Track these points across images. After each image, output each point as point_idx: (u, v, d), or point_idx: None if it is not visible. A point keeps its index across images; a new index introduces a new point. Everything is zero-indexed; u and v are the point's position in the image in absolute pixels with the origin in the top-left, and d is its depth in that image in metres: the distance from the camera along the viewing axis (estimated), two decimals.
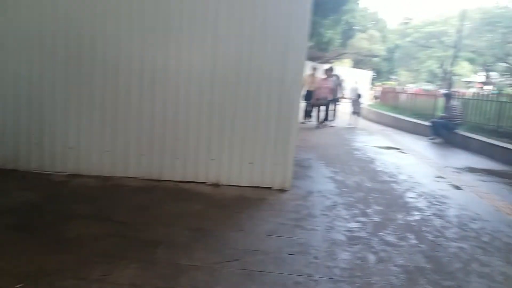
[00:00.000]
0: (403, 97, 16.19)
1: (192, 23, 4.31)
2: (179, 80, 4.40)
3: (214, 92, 4.41)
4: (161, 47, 4.36)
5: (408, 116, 13.24)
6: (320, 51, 18.58)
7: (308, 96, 11.01)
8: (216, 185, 4.49)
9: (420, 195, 4.76)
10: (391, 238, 3.38)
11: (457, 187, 5.27)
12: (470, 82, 35.07)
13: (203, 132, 4.47)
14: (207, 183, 4.50)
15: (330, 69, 11.18)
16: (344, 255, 3.00)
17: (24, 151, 4.46)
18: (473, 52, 27.75)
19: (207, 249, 2.96)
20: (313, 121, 11.40)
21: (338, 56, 28.18)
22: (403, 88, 25.38)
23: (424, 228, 3.66)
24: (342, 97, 11.70)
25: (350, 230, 3.51)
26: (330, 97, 10.82)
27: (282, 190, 4.48)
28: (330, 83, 10.84)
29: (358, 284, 2.60)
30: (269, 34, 4.29)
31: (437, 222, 3.86)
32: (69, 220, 3.28)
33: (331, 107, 11.11)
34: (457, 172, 6.35)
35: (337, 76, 11.49)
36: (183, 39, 4.34)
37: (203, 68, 4.38)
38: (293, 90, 4.39)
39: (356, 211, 4.01)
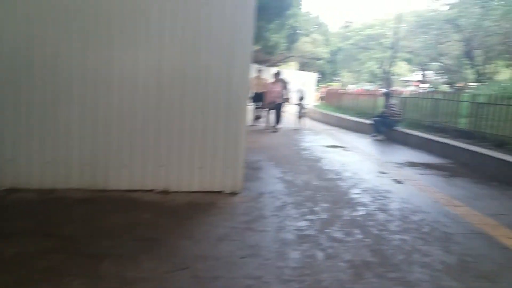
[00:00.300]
0: (346, 97, 16.88)
1: (136, 28, 4.21)
2: (123, 85, 4.27)
3: (161, 97, 4.33)
4: (104, 52, 4.21)
5: (351, 115, 13.83)
6: (266, 54, 18.90)
7: (256, 98, 11.13)
8: (166, 192, 4.40)
9: (364, 190, 4.99)
10: (338, 234, 3.51)
11: (399, 182, 5.59)
12: (408, 81, 37.29)
13: (150, 138, 4.37)
14: (155, 191, 4.39)
15: (278, 73, 11.48)
16: (294, 254, 3.07)
17: None
18: (409, 52, 29.56)
19: (156, 259, 2.89)
20: (262, 123, 11.51)
21: (284, 59, 28.79)
22: (346, 89, 26.50)
23: (369, 223, 3.84)
24: (288, 100, 11.89)
25: (299, 229, 3.60)
26: (279, 101, 11.05)
27: (233, 193, 4.49)
28: (278, 87, 11.09)
29: (308, 283, 2.68)
30: (213, 39, 4.29)
31: (381, 216, 4.06)
32: (7, 237, 3.07)
33: (279, 110, 11.29)
34: (398, 167, 6.73)
35: (283, 80, 11.77)
36: (127, 44, 4.22)
37: (148, 73, 4.29)
38: (240, 93, 4.42)
39: (305, 210, 4.12)
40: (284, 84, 11.51)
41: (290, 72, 22.33)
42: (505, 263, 3.18)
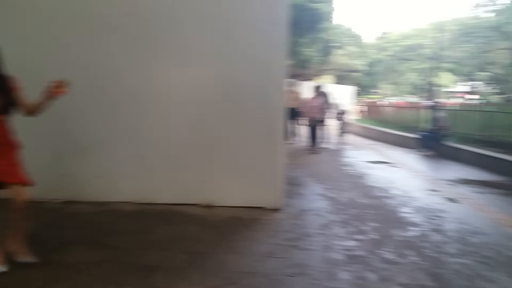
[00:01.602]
0: (387, 110, 16.42)
1: (176, 46, 4.34)
2: (166, 104, 4.42)
3: (201, 114, 4.42)
4: (146, 70, 4.37)
5: (394, 129, 13.42)
6: (300, 68, 18.89)
7: (292, 114, 10.10)
8: (209, 206, 4.44)
9: (415, 209, 4.78)
10: (390, 256, 3.36)
11: (453, 200, 5.30)
12: (452, 92, 35.90)
13: (193, 154, 4.46)
14: (199, 205, 4.45)
15: (319, 87, 10.54)
16: (344, 275, 2.97)
17: None
18: (453, 62, 28.51)
19: (204, 273, 2.91)
20: (301, 141, 10.66)
21: (319, 73, 28.65)
22: (387, 101, 25.80)
23: (424, 244, 3.65)
24: (331, 115, 11.03)
25: (347, 248, 3.49)
26: (319, 117, 9.92)
27: (275, 210, 4.45)
28: (319, 102, 10.02)
29: None
30: (249, 55, 4.33)
31: (436, 237, 3.86)
32: (67, 247, 3.22)
33: (321, 127, 10.15)
34: (451, 184, 6.41)
35: (326, 94, 10.81)
36: (167, 63, 4.35)
37: (187, 90, 4.40)
38: (277, 107, 4.41)
39: (352, 229, 4.00)
40: (326, 98, 10.56)
41: (326, 86, 22.16)
42: None
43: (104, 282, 2.68)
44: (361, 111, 21.68)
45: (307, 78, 22.67)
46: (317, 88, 10.47)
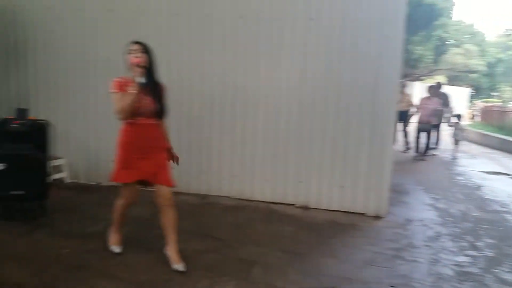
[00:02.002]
0: (508, 115, 14.50)
1: (280, 46, 4.38)
2: (267, 101, 4.49)
3: (302, 113, 4.40)
4: (252, 71, 4.48)
5: None
6: (409, 68, 17.67)
7: (402, 117, 9.03)
8: (305, 208, 4.44)
9: None
10: (509, 276, 2.99)
11: None
12: None
13: (291, 154, 4.48)
14: (296, 205, 4.47)
15: (436, 86, 8.99)
16: None
17: None
18: None
19: (302, 273, 2.91)
20: (408, 146, 9.42)
21: (430, 73, 26.52)
22: (508, 106, 22.75)
23: None
24: (445, 119, 9.46)
25: (458, 264, 3.20)
26: (434, 121, 8.55)
27: (377, 217, 4.27)
28: (435, 103, 8.52)
29: None
30: (359, 54, 4.19)
31: None
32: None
33: (433, 132, 8.83)
34: None
35: (445, 95, 9.21)
36: (272, 63, 4.42)
37: (291, 89, 4.41)
38: (386, 110, 4.21)
39: (464, 244, 3.65)
40: (444, 99, 9.00)
41: (443, 86, 20.40)
42: None
43: (206, 270, 2.84)
44: (476, 116, 19.54)
45: (417, 78, 21.21)
46: (433, 88, 8.92)
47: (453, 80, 30.65)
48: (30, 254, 2.97)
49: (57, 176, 4.70)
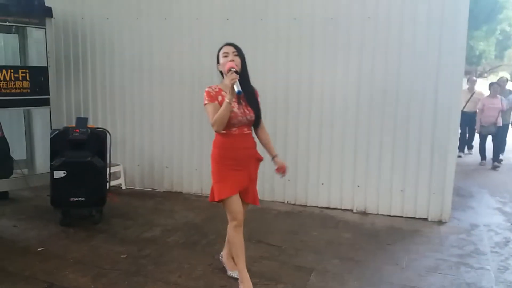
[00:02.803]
0: None
1: (336, 43, 4.24)
2: (323, 103, 4.36)
3: (359, 114, 4.25)
4: (306, 68, 4.35)
5: None
6: (470, 65, 16.68)
7: (468, 120, 7.64)
8: (364, 213, 4.28)
9: None
10: None
11: None
12: None
13: (348, 157, 4.33)
14: (354, 211, 4.32)
15: (501, 83, 7.80)
16: None
17: (187, 177, 4.95)
18: None
19: (361, 280, 2.81)
20: (472, 152, 8.37)
21: (492, 70, 24.89)
22: None
23: None
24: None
25: None
26: (500, 122, 7.23)
27: (440, 222, 4.04)
28: (500, 103, 7.20)
29: None
30: (418, 49, 3.99)
31: None
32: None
33: (502, 136, 7.49)
34: None
35: (511, 92, 7.95)
36: (328, 60, 4.28)
37: (347, 89, 4.26)
38: (449, 111, 3.98)
39: None
40: (510, 97, 7.64)
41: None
42: None
43: (262, 277, 2.80)
44: None
45: (479, 75, 20.02)
46: (498, 84, 7.56)
47: None
48: (88, 259, 3.09)
49: (114, 182, 4.90)
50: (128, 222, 3.88)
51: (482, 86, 9.40)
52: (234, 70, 2.35)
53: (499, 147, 7.37)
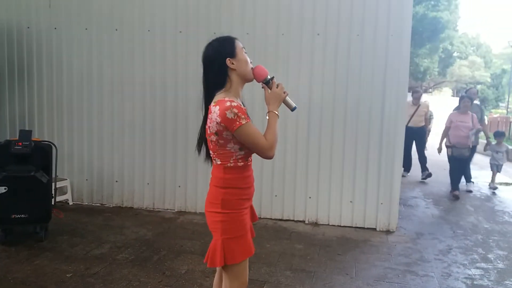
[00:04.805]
0: None
1: (289, 60, 4.36)
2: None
3: (311, 129, 4.38)
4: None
5: None
6: (415, 80, 17.73)
7: (417, 134, 7.15)
8: (315, 224, 4.37)
9: None
10: None
11: None
12: None
13: (300, 169, 4.43)
14: (306, 222, 4.40)
15: (474, 93, 7.03)
16: None
17: (138, 191, 4.83)
18: None
19: None
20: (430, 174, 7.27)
21: (436, 85, 26.59)
22: None
23: None
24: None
25: (470, 277, 3.12)
26: (469, 143, 6.10)
27: (388, 232, 4.20)
28: (470, 120, 6.06)
29: None
30: (365, 69, 4.19)
31: None
32: (180, 255, 3.43)
33: (470, 160, 6.57)
34: None
35: (478, 107, 7.07)
36: (279, 75, 4.35)
37: (298, 103, 4.32)
38: (395, 125, 4.19)
39: (475, 256, 3.58)
40: (480, 115, 6.77)
41: (442, 99, 20.40)
42: None
43: None
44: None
45: (425, 90, 21.24)
46: (466, 98, 6.28)
47: (459, 92, 30.69)
48: (31, 279, 2.91)
49: (61, 198, 4.67)
50: (75, 239, 3.71)
51: (430, 102, 9.28)
52: (271, 77, 1.81)
53: (467, 175, 6.48)
